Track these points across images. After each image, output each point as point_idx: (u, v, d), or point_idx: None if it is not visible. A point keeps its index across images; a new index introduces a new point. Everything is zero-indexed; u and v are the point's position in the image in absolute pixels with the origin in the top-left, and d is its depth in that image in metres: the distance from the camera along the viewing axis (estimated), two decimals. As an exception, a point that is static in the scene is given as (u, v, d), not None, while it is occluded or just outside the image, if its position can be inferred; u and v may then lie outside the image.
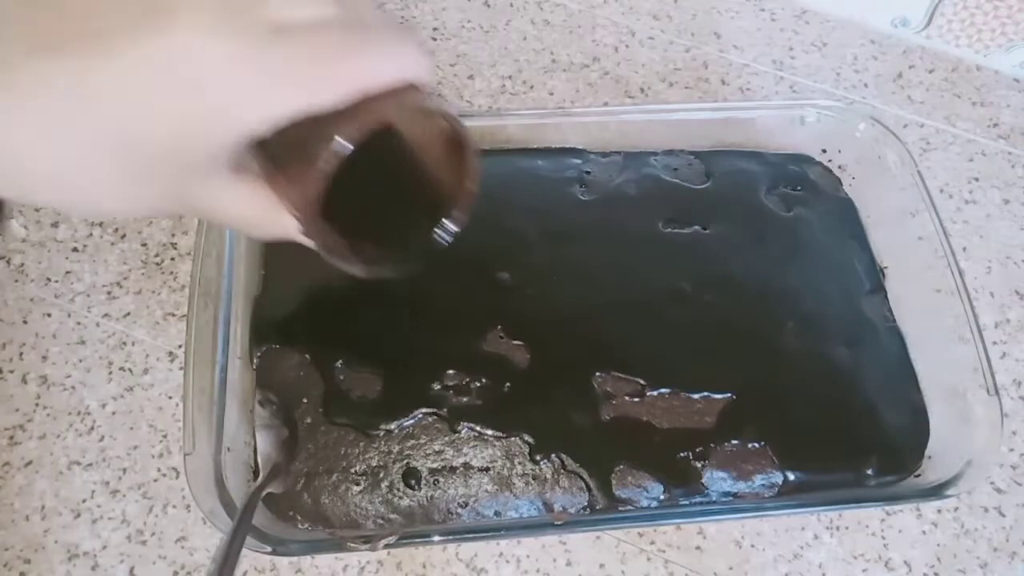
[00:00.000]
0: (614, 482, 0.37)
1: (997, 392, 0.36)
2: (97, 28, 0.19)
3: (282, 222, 0.25)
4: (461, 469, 0.37)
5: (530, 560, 0.39)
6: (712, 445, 0.38)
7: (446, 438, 0.37)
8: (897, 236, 0.43)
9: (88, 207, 0.22)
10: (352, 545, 0.34)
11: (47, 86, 0.19)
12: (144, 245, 0.45)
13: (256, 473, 0.36)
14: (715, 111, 0.45)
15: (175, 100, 0.20)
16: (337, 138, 0.22)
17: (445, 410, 0.38)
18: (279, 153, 0.23)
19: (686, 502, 0.37)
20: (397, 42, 0.23)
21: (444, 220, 0.29)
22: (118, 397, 0.41)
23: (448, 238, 0.29)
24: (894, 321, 0.43)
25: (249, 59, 0.20)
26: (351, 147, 0.22)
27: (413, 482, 0.37)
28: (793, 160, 0.47)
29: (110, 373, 0.42)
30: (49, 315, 0.43)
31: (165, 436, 0.40)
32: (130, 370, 0.42)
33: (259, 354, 0.38)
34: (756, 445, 0.38)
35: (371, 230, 0.28)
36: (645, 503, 0.37)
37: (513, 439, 0.37)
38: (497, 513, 0.37)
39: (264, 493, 0.34)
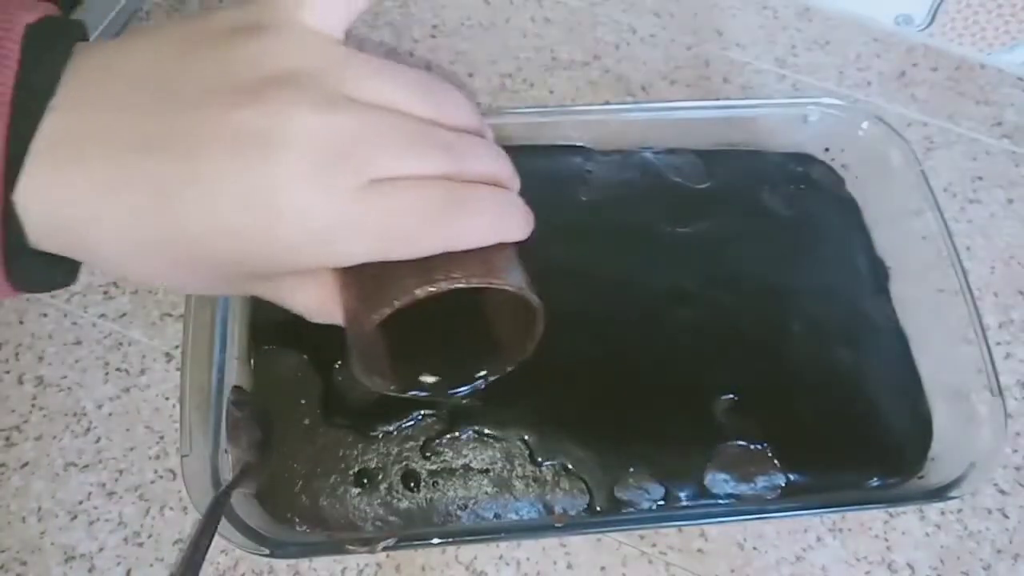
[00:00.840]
0: (615, 484, 0.37)
1: (1001, 393, 0.36)
2: (207, 144, 0.20)
3: (337, 314, 0.25)
4: (461, 471, 0.37)
5: (530, 563, 0.38)
6: (714, 446, 0.37)
7: (446, 440, 0.37)
8: (900, 236, 0.43)
9: (148, 284, 0.24)
10: (351, 548, 0.33)
11: (139, 181, 0.20)
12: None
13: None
14: (717, 110, 0.45)
15: (251, 224, 0.20)
16: (415, 291, 0.22)
17: (444, 412, 0.37)
18: (354, 270, 0.23)
19: (688, 504, 0.37)
20: (498, 205, 0.23)
21: (486, 372, 0.29)
22: (115, 398, 0.41)
23: (481, 387, 0.29)
24: (897, 321, 0.42)
25: (328, 211, 0.20)
26: (421, 297, 0.22)
27: (412, 484, 0.36)
28: (795, 159, 0.46)
29: (106, 374, 0.41)
30: (45, 315, 0.43)
31: (162, 438, 0.40)
32: (127, 371, 0.41)
33: (257, 354, 0.38)
34: (758, 447, 0.38)
35: (412, 355, 0.28)
36: (646, 505, 0.37)
37: (513, 441, 0.37)
38: (497, 515, 0.36)
39: (232, 493, 0.33)
